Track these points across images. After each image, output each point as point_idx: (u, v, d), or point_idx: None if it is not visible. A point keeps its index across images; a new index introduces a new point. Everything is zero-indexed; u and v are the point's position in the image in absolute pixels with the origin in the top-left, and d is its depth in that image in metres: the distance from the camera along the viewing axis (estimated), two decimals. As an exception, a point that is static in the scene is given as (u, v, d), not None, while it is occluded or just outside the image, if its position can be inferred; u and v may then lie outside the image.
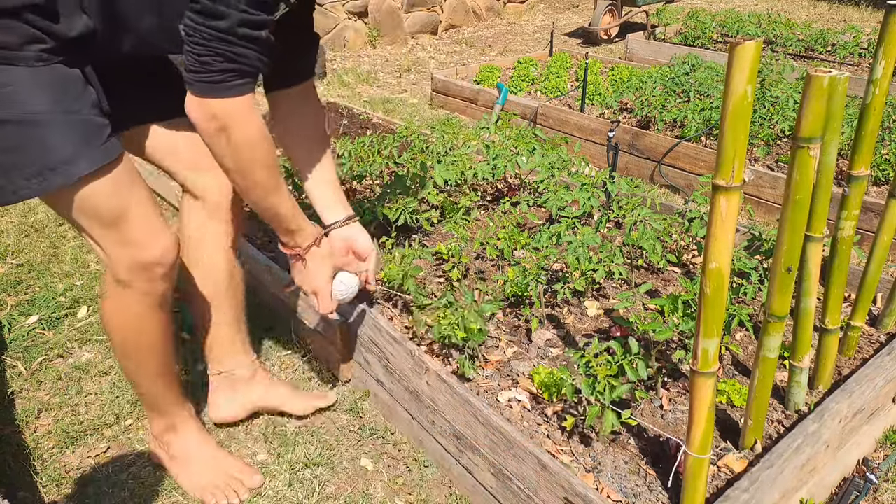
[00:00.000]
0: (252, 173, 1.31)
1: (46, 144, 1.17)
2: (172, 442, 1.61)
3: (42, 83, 1.17)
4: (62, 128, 1.18)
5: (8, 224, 2.83)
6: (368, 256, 1.66)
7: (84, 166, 1.20)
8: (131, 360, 1.49)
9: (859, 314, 1.69)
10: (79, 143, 1.19)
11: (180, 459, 1.61)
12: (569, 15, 7.99)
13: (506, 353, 1.76)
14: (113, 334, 1.45)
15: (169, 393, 1.56)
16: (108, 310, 1.42)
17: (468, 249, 2.22)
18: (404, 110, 4.48)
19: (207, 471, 1.59)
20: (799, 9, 7.80)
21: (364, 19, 6.40)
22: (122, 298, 1.38)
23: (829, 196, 1.37)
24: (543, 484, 1.31)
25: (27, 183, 1.18)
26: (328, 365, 1.97)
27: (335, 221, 1.63)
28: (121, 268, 1.33)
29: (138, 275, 1.34)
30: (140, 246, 1.32)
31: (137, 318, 1.41)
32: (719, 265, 1.05)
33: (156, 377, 1.52)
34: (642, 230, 1.99)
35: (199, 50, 1.16)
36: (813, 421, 1.41)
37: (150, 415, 1.60)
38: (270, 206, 1.39)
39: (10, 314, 2.22)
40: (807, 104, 1.14)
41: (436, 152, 2.68)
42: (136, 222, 1.30)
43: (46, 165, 1.17)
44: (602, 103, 3.89)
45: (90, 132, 1.22)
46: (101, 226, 1.28)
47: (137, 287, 1.36)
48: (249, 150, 1.27)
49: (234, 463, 1.63)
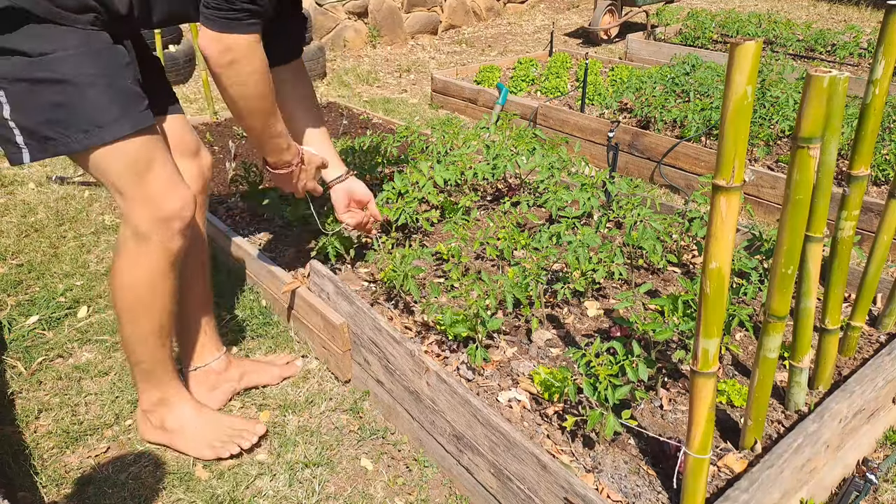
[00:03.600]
0: (255, 99, 1.52)
1: (97, 105, 1.34)
2: (166, 416, 1.66)
3: (95, 51, 1.34)
4: (111, 92, 1.35)
5: (8, 224, 2.83)
6: (369, 202, 1.97)
7: (128, 127, 1.37)
8: (138, 322, 1.54)
9: (859, 314, 1.69)
10: (124, 107, 1.37)
11: (178, 430, 1.67)
12: (569, 15, 7.99)
13: (506, 353, 1.76)
14: (124, 293, 1.51)
15: (167, 363, 1.63)
16: (123, 267, 1.49)
17: (468, 249, 2.22)
18: (404, 110, 4.48)
19: (208, 431, 1.66)
20: (799, 9, 7.81)
21: (364, 19, 6.40)
22: (139, 253, 1.47)
23: (829, 196, 1.37)
24: (543, 484, 1.31)
25: (77, 136, 1.34)
26: (328, 365, 1.97)
27: (338, 176, 1.90)
28: (143, 219, 1.44)
29: (158, 227, 1.45)
30: (162, 198, 1.45)
31: (152, 276, 1.49)
32: (719, 265, 1.05)
33: (157, 344, 1.58)
34: (642, 230, 1.99)
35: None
36: (813, 421, 1.41)
37: (143, 387, 1.65)
38: (268, 127, 1.59)
39: (10, 314, 2.22)
40: (807, 104, 1.14)
41: (436, 152, 2.69)
42: (160, 177, 1.44)
43: (96, 123, 1.34)
44: (602, 103, 3.89)
45: (133, 99, 1.39)
46: (129, 180, 1.41)
47: (156, 241, 1.46)
48: (254, 80, 1.48)
49: (234, 420, 1.72)
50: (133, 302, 1.51)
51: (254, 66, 1.47)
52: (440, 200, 2.41)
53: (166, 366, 1.63)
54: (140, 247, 1.46)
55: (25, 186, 3.20)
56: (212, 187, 2.87)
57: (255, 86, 1.50)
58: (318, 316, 1.92)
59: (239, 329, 2.16)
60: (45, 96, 1.31)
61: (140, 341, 1.56)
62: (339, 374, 1.93)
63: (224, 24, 1.39)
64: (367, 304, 1.78)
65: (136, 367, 1.62)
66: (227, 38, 1.41)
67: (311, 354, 2.04)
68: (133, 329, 1.55)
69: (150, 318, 1.54)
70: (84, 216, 2.91)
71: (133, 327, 1.54)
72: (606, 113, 3.82)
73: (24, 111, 1.32)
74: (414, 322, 1.87)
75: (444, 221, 2.37)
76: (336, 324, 1.83)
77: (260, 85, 1.50)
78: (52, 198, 3.07)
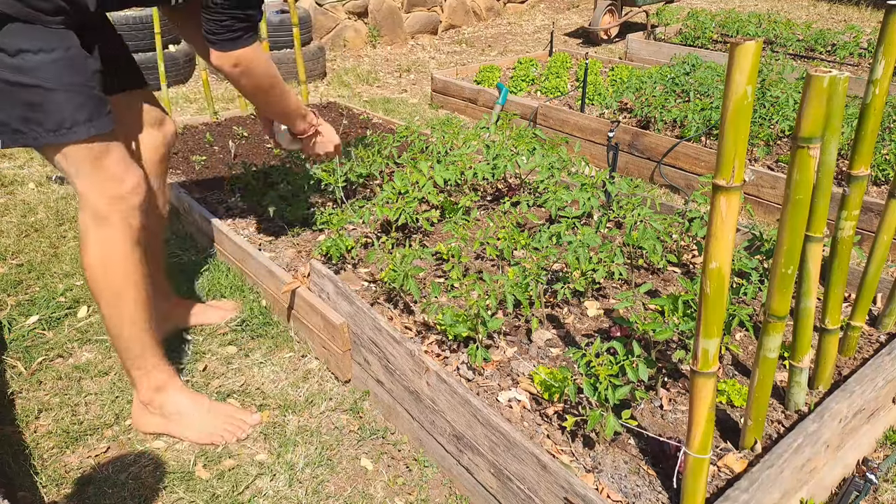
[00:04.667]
0: (272, 88, 1.82)
1: (67, 109, 1.46)
2: (165, 402, 1.74)
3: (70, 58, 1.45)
4: (80, 99, 1.47)
5: (8, 224, 2.83)
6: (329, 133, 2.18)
7: (93, 131, 1.49)
8: (116, 304, 1.61)
9: (859, 314, 1.69)
10: (91, 112, 1.49)
11: (177, 416, 1.74)
12: (569, 15, 7.99)
13: (506, 353, 1.76)
14: (95, 275, 1.59)
15: (155, 347, 1.71)
16: (90, 251, 1.58)
17: (468, 249, 2.22)
18: (404, 110, 4.48)
19: (209, 418, 1.75)
20: (799, 9, 7.81)
21: (364, 19, 6.40)
22: (102, 235, 1.57)
23: (829, 196, 1.37)
24: (543, 484, 1.31)
25: (47, 134, 1.46)
26: (328, 365, 1.97)
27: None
28: (102, 200, 1.54)
29: (117, 205, 1.56)
30: (118, 179, 1.56)
31: (121, 256, 1.59)
32: (720, 265, 1.05)
33: (142, 326, 1.65)
34: (642, 230, 1.99)
35: (221, 18, 1.59)
36: (813, 421, 1.41)
37: (137, 376, 1.71)
38: (288, 104, 1.91)
39: (10, 314, 2.22)
40: (807, 104, 1.14)
41: (436, 152, 2.69)
42: (115, 160, 1.56)
43: (64, 125, 1.46)
44: (602, 103, 3.89)
45: (99, 105, 1.52)
46: (88, 165, 1.52)
47: (116, 220, 1.56)
48: (266, 76, 1.77)
49: (229, 408, 1.81)
50: (106, 284, 1.60)
51: (261, 65, 1.73)
52: (440, 200, 2.41)
53: (155, 350, 1.70)
54: (101, 229, 1.56)
55: (25, 186, 3.20)
56: (212, 187, 2.87)
57: (265, 76, 1.77)
58: (318, 316, 1.92)
59: (239, 329, 2.16)
60: (21, 96, 1.41)
61: (124, 324, 1.63)
62: (339, 374, 1.93)
63: (229, 45, 1.64)
64: (367, 304, 1.78)
65: (127, 356, 1.68)
66: (234, 54, 1.65)
67: (311, 354, 2.04)
68: (113, 312, 1.62)
69: (127, 298, 1.61)
70: (84, 216, 2.91)
71: (112, 310, 1.62)
72: (606, 113, 3.82)
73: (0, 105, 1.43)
74: (414, 322, 1.87)
75: (444, 221, 2.37)
76: (336, 324, 1.83)
77: (269, 73, 1.77)
78: (52, 198, 3.07)
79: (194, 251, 2.61)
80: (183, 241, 2.68)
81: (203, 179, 2.96)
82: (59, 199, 3.06)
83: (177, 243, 2.66)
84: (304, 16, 5.13)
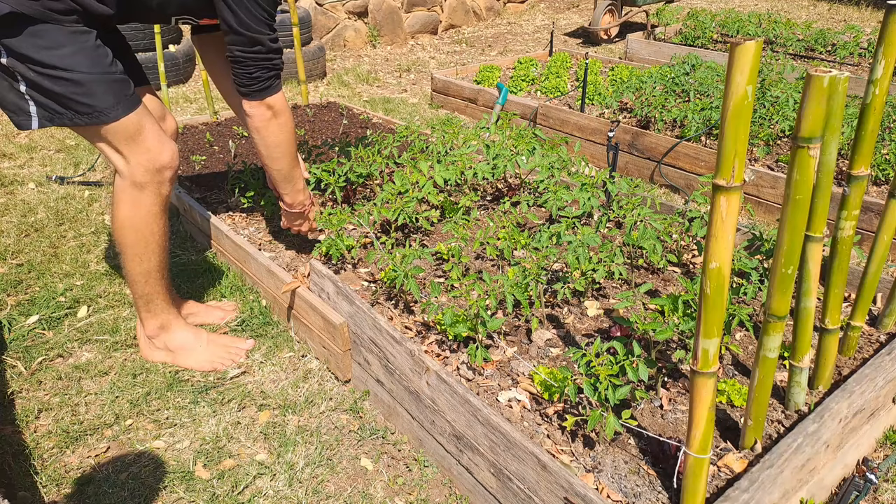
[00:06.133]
0: (289, 144, 1.92)
1: (96, 94, 1.62)
2: (168, 339, 1.98)
3: (88, 49, 1.60)
4: (105, 83, 1.63)
5: (8, 224, 2.83)
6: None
7: (122, 111, 1.67)
8: (141, 258, 1.84)
9: (859, 314, 1.69)
10: (117, 94, 1.66)
11: (180, 349, 1.98)
12: (569, 15, 7.99)
13: (506, 353, 1.76)
14: (126, 232, 1.80)
15: (165, 294, 1.94)
16: (125, 213, 1.78)
17: (468, 249, 2.22)
18: (404, 110, 4.48)
19: (208, 348, 1.99)
20: (799, 9, 7.81)
21: (364, 19, 6.40)
22: (137, 198, 1.77)
23: (829, 196, 1.37)
24: (543, 484, 1.31)
25: (82, 118, 1.64)
26: (328, 365, 1.97)
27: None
28: (139, 171, 1.74)
29: (153, 176, 1.75)
30: (155, 151, 1.74)
31: (150, 217, 1.80)
32: (720, 265, 1.05)
33: (158, 277, 1.89)
34: (642, 230, 1.99)
35: (250, 70, 1.74)
36: (813, 421, 1.41)
37: (145, 316, 1.95)
38: (293, 168, 1.98)
39: (10, 314, 2.22)
40: (807, 104, 1.14)
41: (436, 152, 2.68)
42: (150, 136, 1.73)
43: (96, 108, 1.64)
44: (602, 103, 3.89)
45: (123, 86, 1.68)
46: (126, 142, 1.70)
47: (151, 189, 1.77)
48: (289, 125, 1.90)
49: (226, 338, 2.06)
50: (135, 240, 1.81)
51: (287, 112, 1.88)
52: (440, 200, 2.41)
53: (165, 297, 1.94)
54: (137, 193, 1.76)
55: (25, 186, 3.20)
56: (212, 187, 2.87)
57: (288, 129, 1.89)
58: (318, 316, 1.92)
59: (239, 329, 2.16)
60: (54, 84, 1.59)
61: (143, 275, 1.86)
62: (339, 373, 1.93)
63: (259, 95, 1.79)
64: (367, 304, 1.78)
65: (140, 300, 1.91)
66: (267, 101, 1.81)
67: (311, 354, 2.04)
68: (137, 265, 1.84)
69: (150, 254, 1.84)
70: (84, 216, 2.91)
71: (135, 264, 1.84)
72: (606, 113, 3.82)
73: (38, 90, 1.60)
74: (414, 322, 1.87)
75: (444, 221, 2.37)
76: (336, 323, 1.83)
77: (290, 125, 1.90)
78: (52, 198, 3.07)
79: (194, 251, 2.61)
80: (183, 241, 2.68)
81: (203, 179, 2.96)
82: (59, 199, 3.06)
83: (177, 243, 2.66)
84: (304, 16, 5.13)
